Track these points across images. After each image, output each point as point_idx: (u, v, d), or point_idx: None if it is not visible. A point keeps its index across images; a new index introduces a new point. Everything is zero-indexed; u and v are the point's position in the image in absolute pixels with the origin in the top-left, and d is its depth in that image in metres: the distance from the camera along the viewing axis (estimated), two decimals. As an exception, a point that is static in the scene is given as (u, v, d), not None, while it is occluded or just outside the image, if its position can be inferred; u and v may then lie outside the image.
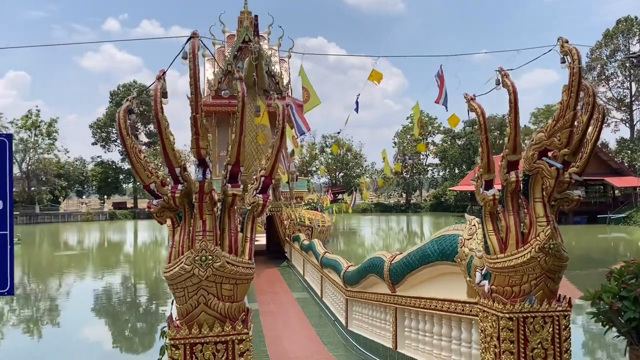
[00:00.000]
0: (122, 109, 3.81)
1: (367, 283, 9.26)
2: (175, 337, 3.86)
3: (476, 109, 4.40)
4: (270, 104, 4.56)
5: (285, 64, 41.94)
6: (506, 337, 4.39)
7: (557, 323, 4.45)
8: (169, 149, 3.69)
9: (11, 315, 17.97)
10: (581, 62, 3.99)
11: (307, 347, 10.11)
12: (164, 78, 3.67)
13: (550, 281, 4.42)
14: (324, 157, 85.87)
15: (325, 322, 12.27)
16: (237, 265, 3.90)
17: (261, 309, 13.84)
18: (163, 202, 3.90)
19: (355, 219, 67.67)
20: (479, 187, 4.54)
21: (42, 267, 30.43)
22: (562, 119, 4.06)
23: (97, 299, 19.62)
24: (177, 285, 3.86)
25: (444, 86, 7.15)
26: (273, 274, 20.11)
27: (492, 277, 4.57)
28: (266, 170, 4.11)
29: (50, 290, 22.75)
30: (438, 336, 6.45)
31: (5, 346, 13.96)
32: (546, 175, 4.22)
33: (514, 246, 4.38)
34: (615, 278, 4.65)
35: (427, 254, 6.42)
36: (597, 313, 4.67)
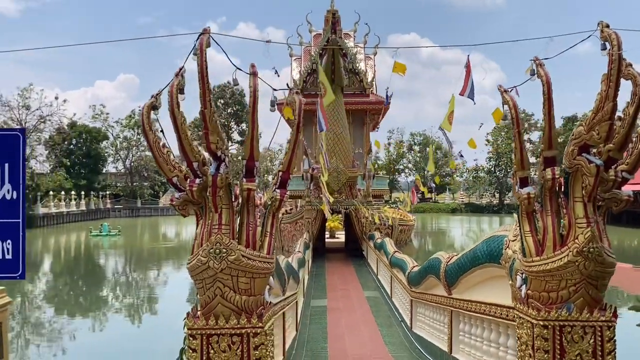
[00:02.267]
0: (146, 105, 3.98)
1: (428, 284, 9.02)
2: (192, 327, 3.98)
3: (508, 102, 4.13)
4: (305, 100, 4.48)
5: (370, 61, 41.78)
6: (540, 346, 4.10)
7: (600, 334, 4.07)
8: (186, 143, 3.80)
9: (114, 302, 19.44)
10: (621, 48, 3.61)
11: (367, 346, 10.01)
12: (182, 75, 3.78)
13: (592, 288, 4.06)
14: (412, 156, 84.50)
15: (391, 323, 12.08)
16: (254, 259, 3.95)
17: (329, 305, 13.89)
18: (185, 196, 4.02)
19: (445, 219, 65.99)
20: (514, 185, 4.26)
21: (143, 258, 32.57)
22: (601, 111, 3.71)
23: (192, 290, 20.69)
24: (196, 277, 3.97)
25: (470, 77, 6.77)
26: (348, 272, 20.12)
27: (528, 282, 4.28)
28: (283, 166, 4.11)
29: (149, 279, 24.31)
30: (487, 342, 6.16)
31: (108, 331, 15.13)
32: (585, 173, 3.87)
33: (551, 249, 4.07)
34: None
35: (477, 256, 6.15)
36: (649, 325, 4.22)
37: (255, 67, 3.78)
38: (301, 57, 40.92)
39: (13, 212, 3.05)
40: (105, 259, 33.01)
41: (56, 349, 13.28)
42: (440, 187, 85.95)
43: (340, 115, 21.55)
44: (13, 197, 3.05)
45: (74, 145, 71.78)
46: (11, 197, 3.05)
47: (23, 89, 60.36)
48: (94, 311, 18.05)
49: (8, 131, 3.12)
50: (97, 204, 68.66)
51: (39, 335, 14.72)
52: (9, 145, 3.01)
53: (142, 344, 13.34)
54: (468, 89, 6.85)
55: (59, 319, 16.69)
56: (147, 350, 12.34)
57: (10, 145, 3.01)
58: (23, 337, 14.42)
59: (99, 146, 74.72)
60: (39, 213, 53.25)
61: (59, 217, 57.40)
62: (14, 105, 59.36)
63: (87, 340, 14.00)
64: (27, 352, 13.06)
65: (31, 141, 61.50)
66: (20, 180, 3.06)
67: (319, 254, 24.48)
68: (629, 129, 3.85)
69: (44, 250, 37.57)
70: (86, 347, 13.36)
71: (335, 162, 21.60)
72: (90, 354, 12.69)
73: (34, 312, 17.78)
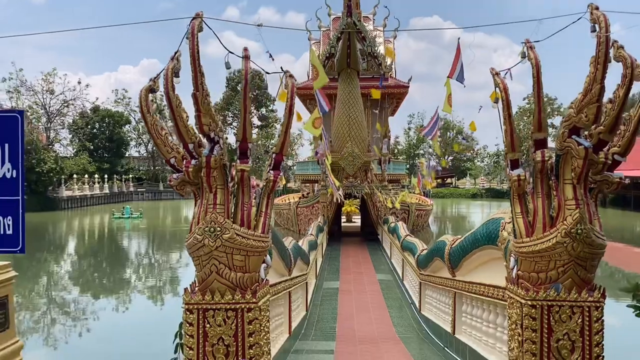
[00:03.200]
0: (144, 89, 4.11)
1: (435, 267, 9.11)
2: (189, 302, 4.14)
3: (499, 85, 4.16)
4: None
5: (390, 45, 41.43)
6: (528, 325, 4.16)
7: (588, 314, 4.12)
8: (181, 125, 3.93)
9: (137, 283, 19.92)
10: (609, 30, 3.62)
11: (375, 327, 10.16)
12: (177, 58, 3.90)
13: (581, 269, 4.10)
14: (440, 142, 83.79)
15: (402, 305, 12.21)
16: (248, 238, 4.08)
17: (341, 287, 14.07)
18: (182, 176, 4.16)
19: (465, 204, 65.60)
20: (505, 167, 4.31)
21: (164, 240, 33.18)
22: (589, 94, 3.72)
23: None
24: (193, 254, 4.13)
25: (459, 60, 6.74)
26: (362, 255, 20.26)
27: (518, 262, 4.34)
28: (277, 147, 4.22)
29: (170, 261, 24.80)
30: (486, 322, 6.24)
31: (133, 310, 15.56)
32: (575, 155, 3.90)
33: (541, 230, 4.12)
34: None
35: (477, 238, 6.22)
36: (638, 306, 4.24)
37: (248, 51, 3.87)
38: (320, 41, 40.82)
39: (13, 189, 3.22)
40: (127, 241, 33.72)
41: (80, 328, 13.72)
42: (461, 172, 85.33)
43: (355, 99, 21.51)
44: (13, 175, 3.23)
45: (97, 129, 72.96)
46: (11, 176, 3.22)
47: (47, 74, 61.37)
48: (116, 292, 18.54)
49: (7, 112, 3.28)
50: (120, 187, 69.89)
51: (64, 314, 15.20)
52: (8, 126, 3.18)
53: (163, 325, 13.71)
54: (457, 71, 6.85)
55: (83, 298, 17.19)
56: (168, 330, 12.69)
57: (10, 127, 3.18)
58: (49, 316, 14.91)
59: (121, 130, 75.81)
60: (63, 196, 54.46)
61: (83, 200, 58.61)
62: (38, 89, 60.37)
63: (109, 319, 14.43)
64: (52, 331, 13.52)
65: (55, 125, 62.67)
66: (20, 160, 3.23)
67: (334, 237, 24.67)
68: (619, 111, 3.86)
69: (69, 232, 38.50)
70: (108, 326, 13.78)
71: (350, 146, 21.62)
72: (113, 333, 13.09)
73: (59, 292, 18.33)
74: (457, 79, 6.94)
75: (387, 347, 8.44)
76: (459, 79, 6.96)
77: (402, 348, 8.40)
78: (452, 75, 6.91)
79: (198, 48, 3.64)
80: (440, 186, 77.15)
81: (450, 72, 6.93)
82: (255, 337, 4.17)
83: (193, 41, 3.63)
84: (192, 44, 3.63)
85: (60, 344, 12.41)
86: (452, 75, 6.93)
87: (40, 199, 50.08)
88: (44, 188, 51.67)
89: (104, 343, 12.25)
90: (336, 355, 7.79)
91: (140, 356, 10.72)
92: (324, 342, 8.91)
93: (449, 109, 8.65)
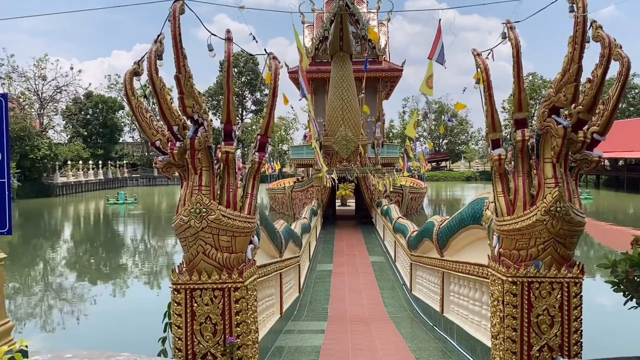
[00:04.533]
0: (129, 72, 4.14)
1: (425, 248, 9.22)
2: (177, 282, 4.22)
3: (480, 65, 4.21)
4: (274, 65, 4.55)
5: (383, 28, 41.23)
6: (509, 301, 4.27)
7: (567, 290, 4.23)
8: (165, 108, 3.97)
9: (134, 269, 19.98)
10: (586, 10, 3.66)
11: (367, 308, 10.30)
12: (160, 41, 3.92)
13: (561, 246, 4.20)
14: (427, 124, 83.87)
15: (393, 286, 12.36)
16: (234, 219, 4.14)
17: (335, 270, 14.21)
18: (168, 158, 4.21)
19: (459, 187, 65.80)
20: (487, 147, 4.37)
21: (158, 225, 33.24)
22: (567, 74, 3.78)
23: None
24: (180, 235, 4.20)
25: (440, 42, 6.75)
26: (356, 238, 20.41)
27: (500, 240, 4.43)
28: (261, 130, 4.26)
29: (166, 246, 24.86)
30: (473, 301, 6.35)
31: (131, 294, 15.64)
32: (554, 134, 3.97)
33: (522, 208, 4.20)
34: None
35: (463, 218, 6.32)
36: (617, 282, 4.34)
37: (231, 33, 3.90)
38: (313, 24, 40.57)
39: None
40: (122, 226, 33.78)
41: (78, 313, 13.80)
42: (455, 155, 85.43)
43: (348, 82, 21.47)
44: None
45: (90, 115, 72.53)
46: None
47: (38, 60, 60.74)
48: (112, 276, 18.63)
49: (-10, 96, 3.30)
50: (114, 173, 69.71)
51: (60, 299, 15.29)
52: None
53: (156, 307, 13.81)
54: (437, 53, 6.85)
55: (78, 283, 17.27)
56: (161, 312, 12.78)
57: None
58: (45, 302, 15.00)
59: (115, 116, 75.42)
60: (58, 182, 54.32)
61: (78, 186, 58.48)
62: (30, 76, 59.84)
63: (104, 304, 14.52)
64: (49, 316, 13.61)
65: (48, 111, 62.23)
66: (5, 143, 3.26)
67: (329, 221, 24.80)
68: (597, 90, 3.92)
69: (64, 218, 38.51)
70: (103, 310, 13.89)
71: (344, 130, 21.63)
72: (108, 317, 13.20)
73: (55, 278, 18.40)
74: (437, 60, 6.93)
75: (378, 326, 8.57)
76: (439, 61, 6.95)
77: (392, 327, 8.53)
78: (432, 57, 6.91)
79: (180, 31, 3.67)
80: (435, 169, 77.33)
81: (430, 53, 6.92)
82: (242, 315, 4.26)
83: (174, 24, 3.66)
84: (173, 27, 3.66)
85: (57, 328, 12.51)
86: (431, 56, 6.93)
87: (35, 185, 49.98)
88: (38, 174, 51.53)
89: (99, 327, 12.36)
90: (327, 334, 7.91)
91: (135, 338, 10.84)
92: (316, 323, 9.04)
93: (429, 91, 8.62)
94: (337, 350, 6.88)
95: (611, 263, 4.42)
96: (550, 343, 4.22)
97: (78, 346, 11.07)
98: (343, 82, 21.50)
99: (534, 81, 76.72)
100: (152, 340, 5.35)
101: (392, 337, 7.83)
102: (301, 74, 10.98)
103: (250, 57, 67.19)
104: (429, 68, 7.99)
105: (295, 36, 10.76)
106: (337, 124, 21.56)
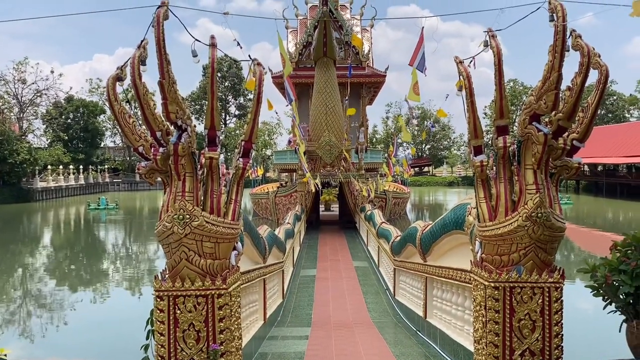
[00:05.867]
0: (111, 77, 4.10)
1: (408, 252, 9.26)
2: (159, 289, 4.18)
3: (462, 73, 4.26)
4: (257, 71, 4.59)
5: (367, 34, 41.44)
6: (492, 306, 4.30)
7: (548, 295, 4.27)
8: (148, 113, 3.94)
9: (116, 275, 19.72)
10: (566, 19, 3.73)
11: (350, 313, 10.31)
12: (144, 47, 3.90)
13: (542, 251, 4.24)
14: (410, 129, 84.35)
15: (377, 291, 12.39)
16: (218, 225, 4.12)
17: (319, 275, 14.20)
18: (151, 164, 4.18)
19: (442, 192, 66.32)
20: (469, 153, 4.42)
21: (142, 231, 32.90)
22: (548, 81, 3.84)
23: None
24: (163, 242, 4.16)
25: (421, 49, 6.83)
26: (340, 243, 20.43)
27: (482, 246, 4.47)
28: (245, 135, 4.26)
29: (148, 252, 24.61)
30: (455, 306, 6.40)
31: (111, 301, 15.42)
32: (535, 141, 4.03)
33: (503, 214, 4.24)
34: (619, 250, 4.36)
35: (446, 223, 6.36)
36: (596, 287, 4.41)
37: (215, 39, 3.89)
38: (297, 29, 40.63)
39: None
40: (103, 232, 33.38)
41: (57, 320, 13.59)
42: (438, 160, 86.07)
43: (332, 88, 21.54)
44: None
45: (71, 119, 71.71)
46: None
47: (18, 63, 59.96)
48: (92, 283, 18.38)
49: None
50: (95, 178, 68.95)
51: (40, 306, 15.04)
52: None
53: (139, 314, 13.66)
54: (417, 60, 6.91)
55: (59, 290, 17.01)
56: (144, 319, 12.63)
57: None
58: (24, 308, 14.75)
59: (96, 120, 74.63)
60: (38, 187, 53.56)
61: (58, 191, 57.69)
62: (10, 79, 59.01)
63: (87, 311, 14.33)
64: (29, 323, 13.38)
65: (28, 115, 61.40)
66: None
67: (313, 226, 24.80)
68: (577, 98, 3.98)
69: (43, 223, 37.93)
70: (84, 317, 13.70)
71: (328, 135, 21.67)
72: (89, 324, 13.01)
73: (34, 284, 18.10)
74: (417, 67, 6.99)
75: (361, 331, 8.59)
76: (419, 68, 7.00)
77: (376, 332, 8.55)
78: (413, 63, 6.97)
79: (164, 37, 3.65)
80: (418, 174, 77.85)
81: (411, 60, 6.98)
82: (225, 322, 4.24)
83: (158, 29, 3.64)
84: (157, 32, 3.64)
85: (37, 336, 12.30)
86: (412, 63, 6.99)
87: (14, 190, 49.21)
88: (18, 179, 50.74)
89: (79, 334, 12.19)
90: (310, 340, 7.90)
91: (116, 345, 10.71)
92: (299, 329, 9.02)
93: (416, 98, 8.71)
94: (321, 356, 6.88)
95: (591, 268, 4.51)
96: (532, 347, 4.27)
97: (58, 354, 10.93)
98: (327, 88, 21.57)
99: (515, 87, 77.80)
100: (134, 347, 5.29)
101: (375, 342, 7.85)
102: (287, 81, 11.00)
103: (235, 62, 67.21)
104: (414, 75, 8.05)
105: (280, 44, 10.77)
106: (321, 129, 21.59)
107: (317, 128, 21.89)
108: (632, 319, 4.19)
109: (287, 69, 11.02)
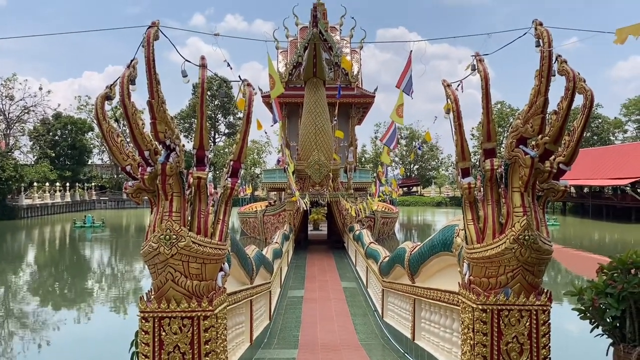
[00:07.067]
0: (100, 96, 4.09)
1: (396, 274, 9.23)
2: (145, 310, 4.12)
3: (450, 96, 4.30)
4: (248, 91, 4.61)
5: (356, 55, 41.84)
6: (479, 328, 4.29)
7: (535, 318, 4.28)
8: (137, 132, 3.93)
9: (100, 295, 19.38)
10: (552, 45, 3.79)
11: (338, 335, 10.21)
12: (134, 66, 3.90)
13: (529, 274, 4.26)
14: (399, 150, 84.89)
15: (365, 312, 12.31)
16: (205, 246, 4.09)
17: (306, 296, 14.09)
18: (138, 184, 4.15)
19: (430, 212, 66.48)
20: (457, 175, 4.45)
21: (127, 249, 32.52)
22: (534, 105, 3.89)
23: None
24: (149, 262, 4.12)
25: (408, 72, 6.90)
26: (328, 263, 20.33)
27: (470, 268, 4.47)
28: (234, 155, 4.25)
29: (134, 272, 24.27)
30: (444, 328, 6.37)
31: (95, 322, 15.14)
32: (521, 164, 4.06)
33: (491, 237, 4.26)
34: (605, 273, 4.39)
35: (434, 245, 6.36)
36: (583, 310, 4.42)
37: (205, 60, 3.91)
38: (287, 50, 40.94)
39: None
40: (88, 250, 32.96)
41: (40, 340, 13.31)
42: (426, 180, 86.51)
43: (322, 108, 21.67)
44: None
45: (59, 136, 71.26)
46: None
47: (6, 79, 59.72)
48: (77, 302, 18.06)
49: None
50: (82, 196, 68.30)
51: (22, 326, 14.73)
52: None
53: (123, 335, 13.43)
54: (404, 82, 6.97)
55: (42, 310, 16.68)
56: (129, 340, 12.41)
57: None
58: (7, 327, 14.44)
59: (84, 137, 74.24)
60: (23, 204, 52.91)
61: (44, 209, 57.03)
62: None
63: (70, 331, 14.05)
64: (11, 343, 13.08)
65: (15, 132, 60.97)
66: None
67: (301, 245, 24.67)
68: (563, 122, 4.04)
69: (28, 241, 37.39)
70: (68, 338, 13.43)
71: (317, 154, 21.72)
72: (73, 345, 12.76)
73: (17, 304, 17.74)
74: (404, 89, 7.05)
75: (349, 353, 8.50)
76: (406, 91, 7.07)
77: (364, 354, 8.47)
78: (400, 85, 7.04)
79: (154, 56, 3.66)
80: (406, 194, 78.10)
81: (398, 82, 7.05)
82: (211, 344, 4.18)
83: (149, 49, 3.65)
84: (147, 52, 3.65)
85: (18, 356, 12.02)
86: (399, 85, 7.06)
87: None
88: (3, 196, 50.10)
89: (62, 355, 11.94)
90: None
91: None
92: (286, 351, 8.91)
93: (399, 120, 8.75)
94: (308, 378, 6.79)
95: (577, 291, 4.53)
96: (520, 371, 4.25)
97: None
98: (317, 108, 21.68)
99: (502, 109, 78.73)
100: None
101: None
102: (274, 102, 11.06)
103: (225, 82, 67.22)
104: (400, 97, 8.12)
105: (270, 66, 10.83)
106: (310, 149, 21.65)
107: (306, 147, 21.94)
108: (619, 342, 4.20)
109: (277, 90, 11.07)
